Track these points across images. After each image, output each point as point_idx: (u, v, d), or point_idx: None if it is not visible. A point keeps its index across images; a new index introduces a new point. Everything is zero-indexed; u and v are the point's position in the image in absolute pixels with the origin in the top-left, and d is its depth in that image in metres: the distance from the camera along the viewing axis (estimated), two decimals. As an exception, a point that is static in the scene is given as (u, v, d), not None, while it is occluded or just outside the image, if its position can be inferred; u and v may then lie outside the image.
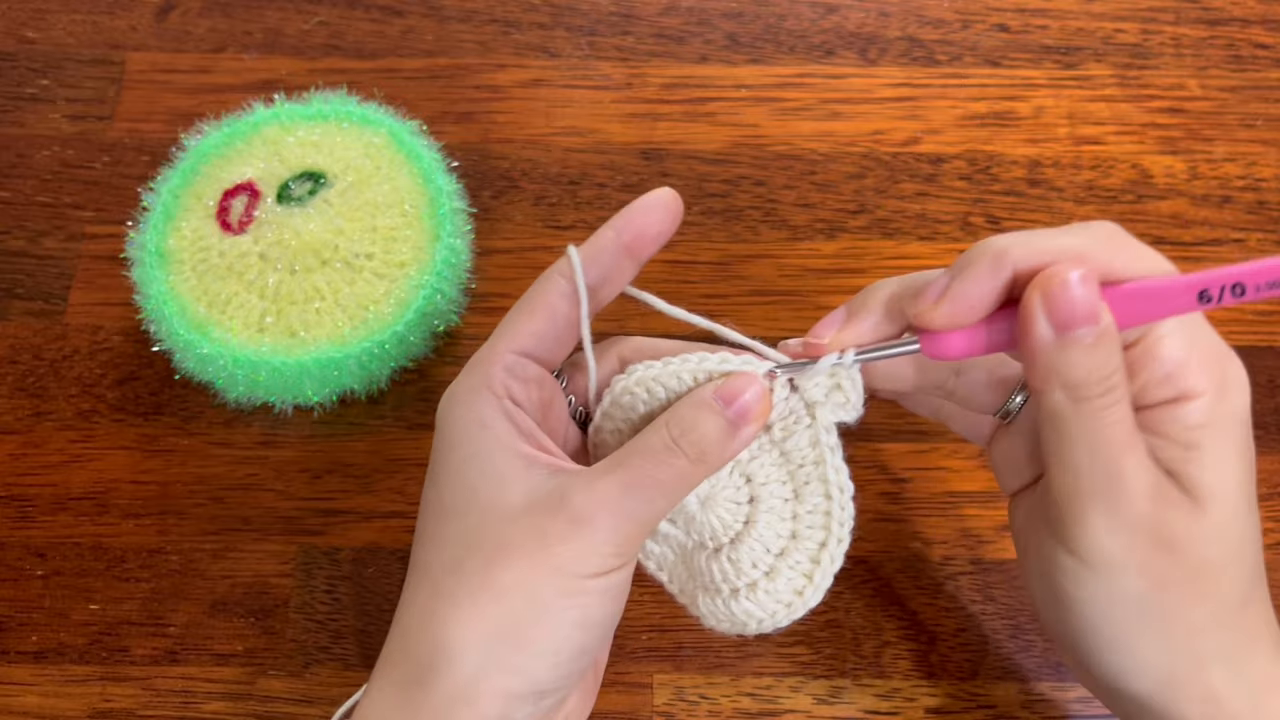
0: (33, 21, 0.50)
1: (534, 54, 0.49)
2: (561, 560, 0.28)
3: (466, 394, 0.30)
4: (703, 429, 0.29)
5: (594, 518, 0.28)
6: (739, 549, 0.32)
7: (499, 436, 0.29)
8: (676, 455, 0.29)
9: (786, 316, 0.43)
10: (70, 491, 0.40)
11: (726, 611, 0.32)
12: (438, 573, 0.29)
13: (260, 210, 0.40)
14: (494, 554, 0.29)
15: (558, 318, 0.31)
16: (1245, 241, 0.45)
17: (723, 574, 0.32)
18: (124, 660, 0.38)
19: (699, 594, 0.33)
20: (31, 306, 0.44)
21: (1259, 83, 0.48)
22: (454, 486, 0.30)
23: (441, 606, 0.29)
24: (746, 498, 0.32)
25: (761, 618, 0.32)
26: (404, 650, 0.29)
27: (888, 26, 0.50)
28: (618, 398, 0.32)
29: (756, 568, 0.32)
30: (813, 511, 0.32)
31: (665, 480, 0.29)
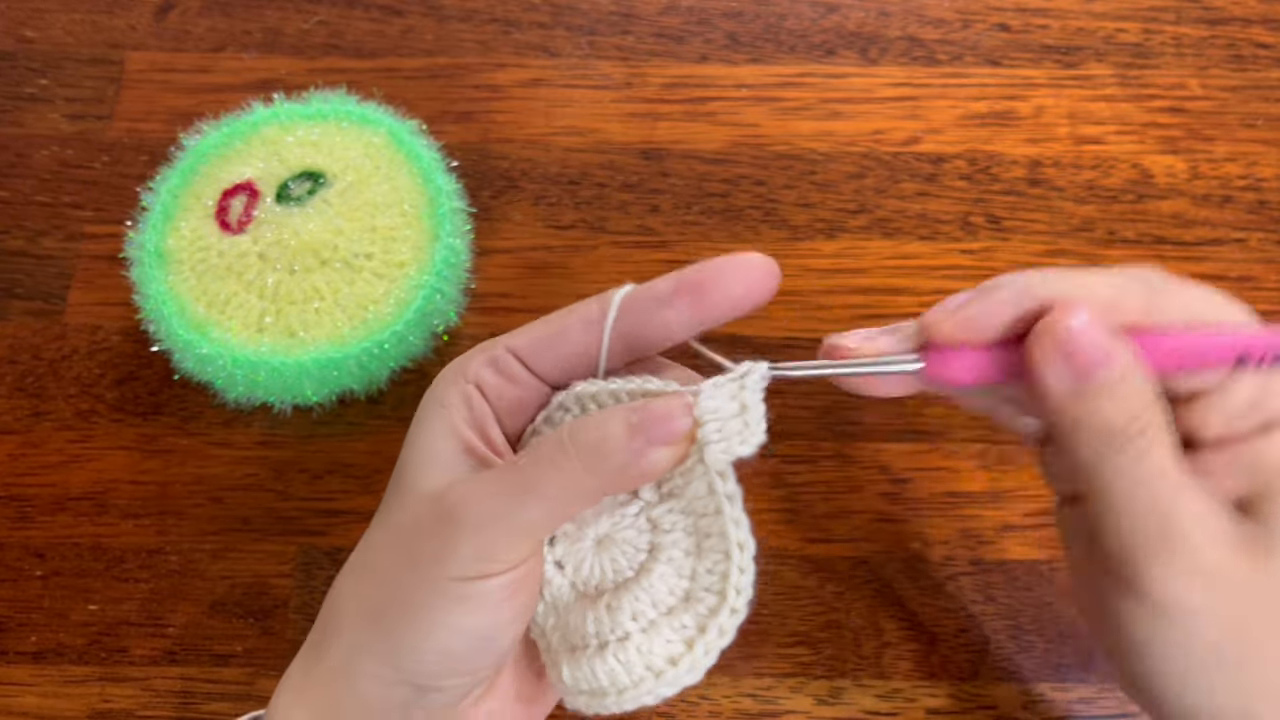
0: (32, 21, 0.50)
1: (534, 53, 0.49)
2: (428, 557, 0.27)
3: (443, 373, 0.30)
4: (604, 433, 0.27)
5: (461, 517, 0.26)
6: (621, 596, 0.29)
7: (446, 418, 0.28)
8: (565, 458, 0.27)
9: (787, 316, 0.43)
10: (69, 492, 0.40)
11: (588, 673, 0.28)
12: (359, 546, 0.29)
13: (259, 210, 0.40)
14: (387, 534, 0.28)
15: (569, 339, 0.29)
16: (1246, 241, 0.45)
17: (596, 624, 0.28)
18: (123, 661, 0.38)
19: (563, 656, 0.29)
20: (31, 306, 0.44)
21: (1260, 82, 0.48)
22: (400, 461, 0.29)
23: (343, 577, 0.29)
24: (646, 545, 0.29)
25: (624, 685, 0.28)
26: (319, 618, 0.30)
27: (888, 26, 0.49)
28: (551, 412, 0.29)
29: (635, 620, 0.28)
30: (711, 571, 0.28)
31: (547, 485, 0.27)
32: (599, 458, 0.27)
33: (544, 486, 0.27)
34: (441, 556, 0.27)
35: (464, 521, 0.27)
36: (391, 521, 0.29)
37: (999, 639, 0.38)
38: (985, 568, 0.39)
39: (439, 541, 0.27)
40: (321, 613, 0.30)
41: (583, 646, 0.29)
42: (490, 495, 0.27)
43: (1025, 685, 0.38)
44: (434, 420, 0.29)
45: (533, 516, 0.27)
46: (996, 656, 0.38)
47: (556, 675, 0.29)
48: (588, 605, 0.29)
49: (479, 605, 0.27)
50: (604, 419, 0.27)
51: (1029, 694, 0.38)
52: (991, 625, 0.38)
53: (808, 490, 0.40)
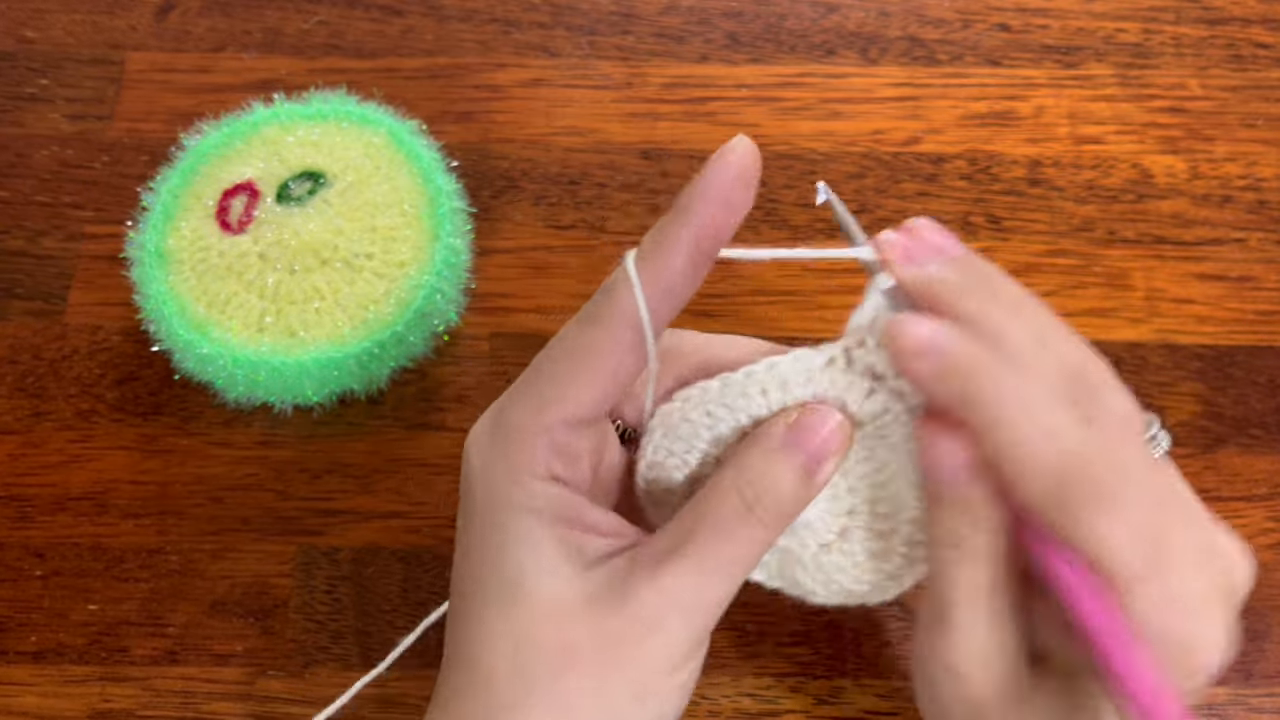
0: (32, 21, 0.50)
1: (534, 53, 0.49)
2: (634, 666, 0.26)
3: (502, 474, 0.27)
4: (780, 487, 0.26)
5: (666, 618, 0.25)
6: (850, 542, 0.30)
7: (540, 525, 0.26)
8: (752, 525, 0.26)
9: (787, 316, 0.43)
10: (69, 491, 0.40)
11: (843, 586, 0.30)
12: (490, 672, 0.26)
13: (260, 210, 0.40)
14: (557, 659, 0.26)
15: (622, 376, 0.26)
16: (1246, 241, 0.45)
17: (838, 565, 0.30)
18: (123, 660, 0.38)
19: (802, 577, 0.30)
20: (31, 306, 0.44)
21: (1260, 82, 0.48)
22: (492, 571, 0.27)
23: (501, 715, 0.26)
24: (845, 489, 0.29)
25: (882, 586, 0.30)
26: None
27: (888, 26, 0.49)
28: (674, 428, 0.28)
29: (873, 558, 0.30)
30: (907, 504, 0.29)
31: (740, 556, 0.26)
32: (779, 511, 0.26)
33: (738, 558, 0.26)
34: (656, 659, 0.26)
35: (671, 623, 0.26)
36: (548, 651, 0.26)
37: (999, 639, 0.38)
38: (985, 568, 0.39)
39: (648, 649, 0.26)
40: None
41: (781, 567, 0.30)
42: (691, 589, 0.26)
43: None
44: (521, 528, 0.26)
45: (733, 588, 0.27)
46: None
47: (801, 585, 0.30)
48: (792, 546, 0.29)
49: (684, 690, 0.27)
50: (772, 469, 0.26)
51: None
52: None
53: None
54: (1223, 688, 0.37)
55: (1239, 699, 0.37)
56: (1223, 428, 0.41)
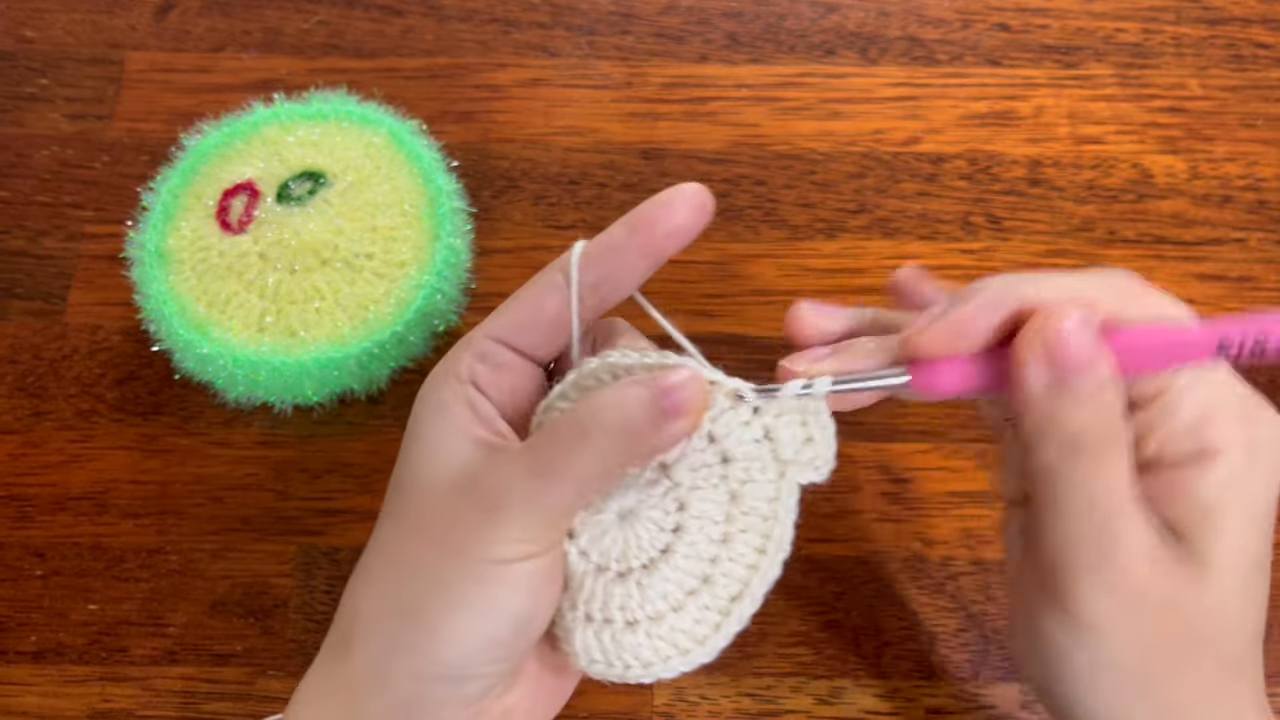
0: (32, 21, 0.50)
1: (534, 53, 0.49)
2: (464, 543, 0.27)
3: (434, 378, 0.30)
4: (626, 408, 0.27)
5: (501, 502, 0.27)
6: (653, 575, 0.29)
7: (451, 419, 0.29)
8: (593, 433, 0.27)
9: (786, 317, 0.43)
10: (69, 491, 0.40)
11: (613, 646, 0.29)
12: (372, 547, 0.30)
13: (260, 210, 0.40)
14: (412, 531, 0.29)
15: (544, 310, 0.30)
16: (1246, 241, 0.45)
17: (624, 600, 0.29)
18: (123, 660, 0.38)
19: (579, 626, 0.29)
20: (31, 306, 0.44)
21: (1259, 82, 0.48)
22: (404, 465, 0.30)
23: (359, 580, 0.29)
24: (673, 525, 0.30)
25: (651, 661, 0.29)
26: (336, 621, 0.30)
27: (888, 26, 0.50)
28: (581, 379, 0.29)
29: (665, 600, 0.29)
30: (734, 560, 0.29)
31: (578, 464, 0.27)
32: (620, 434, 0.27)
33: (575, 466, 0.27)
34: (483, 542, 0.27)
35: (507, 504, 0.27)
36: (409, 519, 0.29)
37: (999, 639, 0.38)
38: (985, 568, 0.39)
39: (481, 528, 0.27)
40: (338, 620, 0.30)
41: (605, 620, 0.29)
42: (525, 480, 0.27)
43: (1025, 685, 0.38)
44: (438, 424, 0.29)
45: (565, 498, 0.28)
46: (996, 657, 0.38)
47: (570, 644, 0.30)
48: (613, 580, 0.29)
49: (522, 587, 0.28)
50: (619, 395, 0.28)
51: (1029, 694, 0.38)
52: (991, 625, 0.38)
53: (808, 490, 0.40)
54: (1223, 688, 0.37)
55: (1239, 699, 0.37)
56: (1223, 428, 0.41)
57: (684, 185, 0.29)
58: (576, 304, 0.30)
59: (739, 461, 0.29)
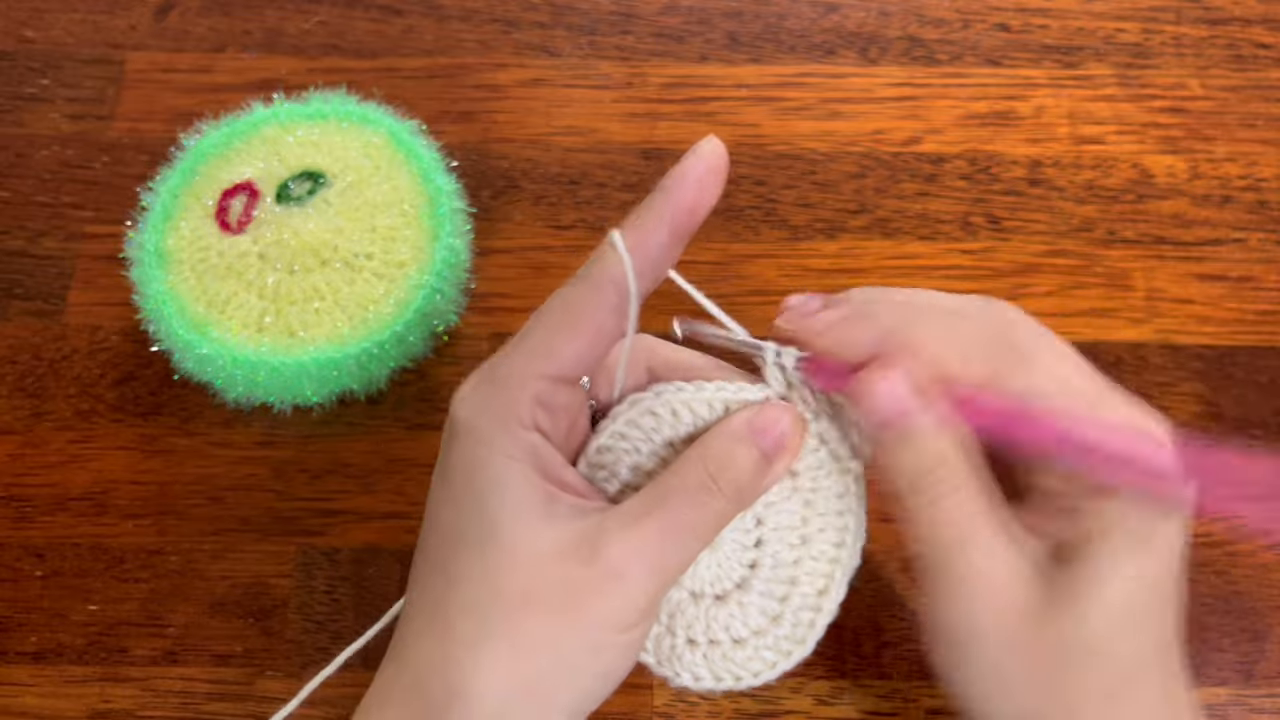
0: (32, 21, 0.50)
1: (534, 53, 0.49)
2: (594, 617, 0.27)
3: (490, 421, 0.28)
4: (740, 465, 0.28)
5: (629, 571, 0.27)
6: (748, 593, 0.31)
7: (523, 473, 0.27)
8: (714, 495, 0.28)
9: (787, 316, 0.43)
10: (69, 492, 0.40)
11: (723, 664, 0.31)
12: (454, 612, 0.27)
13: (259, 210, 0.40)
14: (519, 604, 0.27)
15: (604, 337, 0.28)
16: (1246, 241, 0.45)
17: (728, 622, 0.31)
18: (123, 661, 0.38)
19: (684, 650, 0.31)
20: (30, 306, 0.44)
21: (1260, 82, 0.48)
22: (471, 516, 0.28)
23: (460, 652, 0.27)
24: (754, 541, 0.31)
25: (760, 670, 0.31)
26: (415, 689, 0.28)
27: (888, 26, 0.49)
28: (637, 418, 0.30)
29: (764, 614, 0.31)
30: (816, 559, 0.31)
31: (701, 523, 0.28)
32: (740, 489, 0.28)
33: (698, 525, 0.28)
34: (616, 612, 0.27)
35: (633, 577, 0.27)
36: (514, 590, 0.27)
37: (999, 639, 0.38)
38: (985, 568, 0.39)
39: (609, 600, 0.27)
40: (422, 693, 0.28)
41: (711, 642, 0.31)
42: (654, 546, 0.27)
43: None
44: (503, 475, 0.27)
45: (691, 554, 0.28)
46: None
47: (672, 668, 0.31)
48: (711, 604, 0.31)
49: (634, 649, 0.28)
50: (735, 449, 0.28)
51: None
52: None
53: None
54: (1223, 688, 0.37)
55: (1239, 699, 0.37)
56: (1223, 428, 0.41)
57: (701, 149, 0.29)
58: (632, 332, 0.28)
59: (805, 473, 0.30)
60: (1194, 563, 0.39)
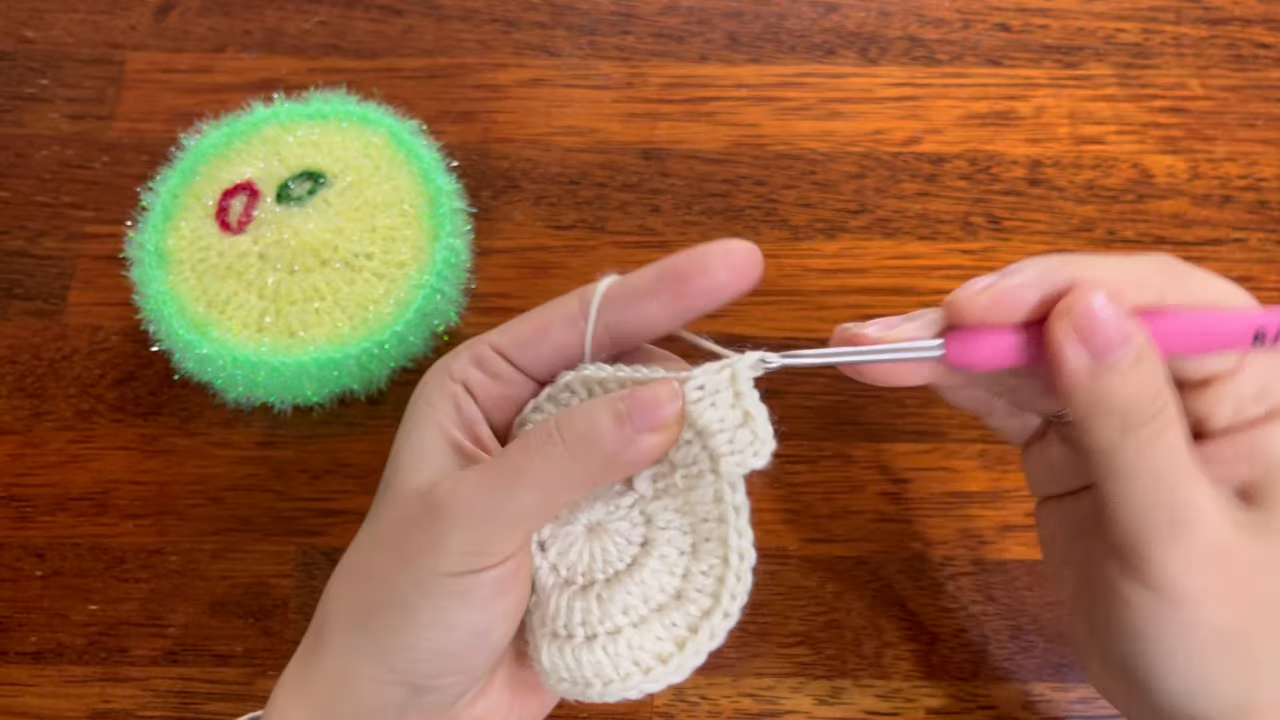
0: (32, 21, 0.50)
1: (534, 53, 0.49)
2: (414, 553, 0.27)
3: (428, 374, 0.30)
4: (591, 421, 0.26)
5: (450, 511, 0.26)
6: (614, 589, 0.28)
7: (436, 417, 0.29)
8: (553, 447, 0.26)
9: (786, 316, 0.43)
10: (69, 492, 0.40)
11: (573, 661, 0.28)
12: (352, 546, 0.29)
13: (259, 210, 0.40)
14: (378, 534, 0.28)
15: (550, 335, 0.29)
16: (1246, 241, 0.45)
17: (585, 614, 0.28)
18: (123, 661, 0.38)
19: (545, 642, 0.29)
20: (30, 306, 0.44)
21: (1260, 82, 0.48)
22: (391, 461, 0.29)
23: (335, 581, 0.29)
24: (640, 539, 0.29)
25: (611, 677, 0.28)
26: (314, 619, 0.30)
27: (888, 26, 0.49)
28: (556, 392, 0.29)
29: (626, 615, 0.28)
30: (706, 574, 0.28)
31: (536, 474, 0.26)
32: (587, 446, 0.26)
33: (533, 476, 0.26)
34: (432, 552, 0.26)
35: (454, 515, 0.26)
36: (380, 522, 0.29)
37: (999, 639, 0.38)
38: (985, 568, 0.39)
39: (429, 537, 0.26)
40: (316, 614, 0.30)
41: (567, 635, 0.29)
42: (479, 488, 0.26)
43: (1025, 685, 0.38)
44: (422, 421, 0.29)
45: (523, 507, 0.27)
46: (996, 656, 0.38)
47: (536, 659, 0.29)
48: (575, 594, 0.29)
49: (471, 601, 0.27)
50: (591, 408, 0.27)
51: (1029, 694, 0.38)
52: (991, 625, 0.38)
53: (808, 490, 0.40)
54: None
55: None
56: (1223, 428, 0.41)
57: (729, 243, 0.28)
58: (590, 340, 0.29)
59: (679, 467, 0.28)
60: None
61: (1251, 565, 0.26)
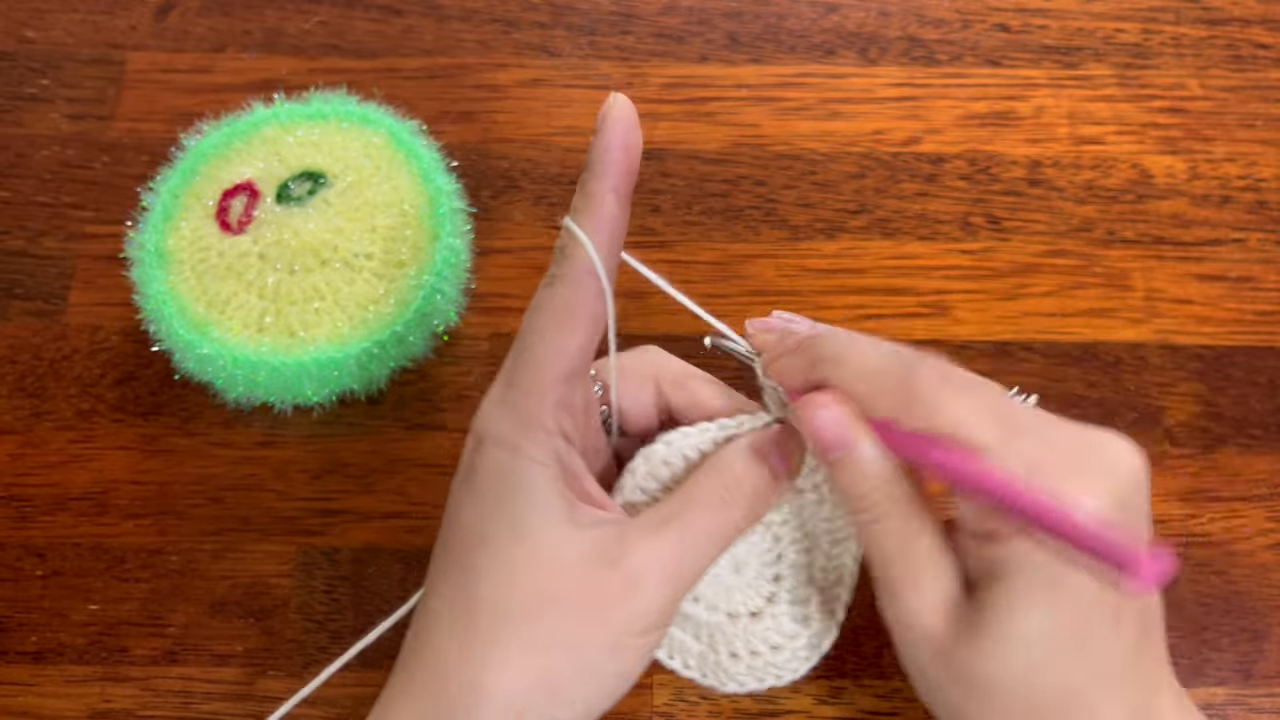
0: (32, 21, 0.50)
1: (534, 53, 0.49)
2: (613, 621, 0.28)
3: (515, 427, 0.29)
4: (750, 481, 0.30)
5: (648, 577, 0.28)
6: (778, 605, 0.34)
7: (548, 477, 0.28)
8: (730, 508, 0.30)
9: (785, 317, 0.43)
10: (69, 491, 0.40)
11: (766, 669, 0.34)
12: (478, 610, 0.28)
13: (259, 210, 0.40)
14: (542, 604, 0.28)
15: (598, 322, 0.29)
16: (1245, 241, 0.45)
17: (764, 635, 0.34)
18: (123, 661, 0.38)
19: (728, 663, 0.34)
20: (31, 306, 0.44)
21: (1259, 83, 0.48)
22: (495, 517, 0.28)
23: (482, 650, 0.28)
24: (774, 557, 0.34)
25: (797, 666, 0.34)
26: (436, 685, 0.28)
27: (888, 26, 0.50)
28: (655, 470, 0.32)
29: (795, 620, 0.34)
30: (830, 558, 0.34)
31: (716, 534, 0.30)
32: (755, 502, 0.30)
33: (713, 536, 0.30)
34: (635, 617, 0.28)
35: (651, 583, 0.28)
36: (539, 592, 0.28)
37: (999, 639, 0.38)
38: (985, 568, 0.39)
39: (629, 605, 0.28)
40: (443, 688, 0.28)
41: (753, 654, 0.34)
42: (672, 555, 0.29)
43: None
44: (530, 479, 0.28)
45: (706, 564, 0.30)
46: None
47: (718, 678, 0.34)
48: (747, 622, 0.34)
49: (648, 654, 0.30)
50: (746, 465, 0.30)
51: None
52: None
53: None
54: (1222, 688, 0.37)
55: (1239, 699, 0.37)
56: (1222, 428, 0.41)
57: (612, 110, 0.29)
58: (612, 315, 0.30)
59: (809, 489, 0.33)
60: (1194, 562, 0.39)
61: (947, 648, 0.29)
